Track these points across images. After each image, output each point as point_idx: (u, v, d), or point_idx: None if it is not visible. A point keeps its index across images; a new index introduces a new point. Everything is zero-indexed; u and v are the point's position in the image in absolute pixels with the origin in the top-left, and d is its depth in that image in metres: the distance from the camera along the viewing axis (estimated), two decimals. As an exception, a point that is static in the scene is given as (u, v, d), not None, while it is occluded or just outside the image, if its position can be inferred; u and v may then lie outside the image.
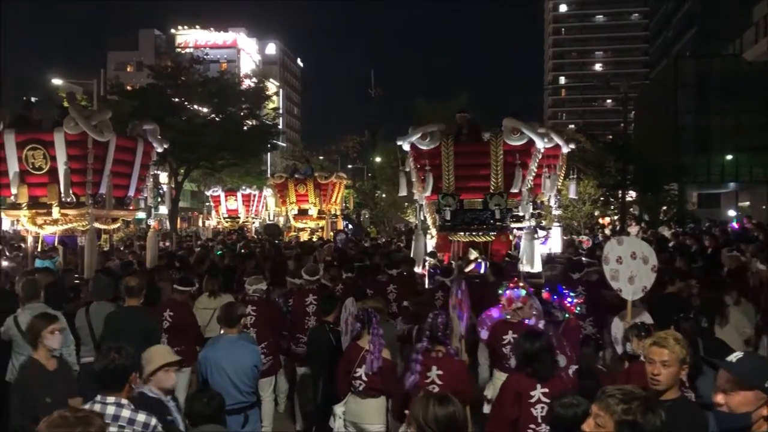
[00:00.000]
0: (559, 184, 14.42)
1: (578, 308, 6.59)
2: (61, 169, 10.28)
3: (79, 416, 2.67)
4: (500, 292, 6.29)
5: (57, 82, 36.27)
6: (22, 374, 4.75)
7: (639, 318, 5.94)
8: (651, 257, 6.10)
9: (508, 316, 6.11)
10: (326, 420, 5.93)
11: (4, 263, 13.56)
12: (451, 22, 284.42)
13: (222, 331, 5.81)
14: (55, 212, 10.53)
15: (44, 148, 10.39)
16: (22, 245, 14.47)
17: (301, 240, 21.15)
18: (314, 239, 21.28)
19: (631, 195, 35.68)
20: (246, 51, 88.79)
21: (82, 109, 11.48)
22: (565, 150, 13.05)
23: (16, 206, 10.75)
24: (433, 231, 11.78)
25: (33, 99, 14.00)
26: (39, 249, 11.43)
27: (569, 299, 6.19)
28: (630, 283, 6.10)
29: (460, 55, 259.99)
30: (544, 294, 6.16)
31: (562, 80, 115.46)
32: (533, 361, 4.52)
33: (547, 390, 4.46)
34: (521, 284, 6.21)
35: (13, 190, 10.59)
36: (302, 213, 23.44)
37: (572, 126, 71.98)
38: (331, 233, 21.62)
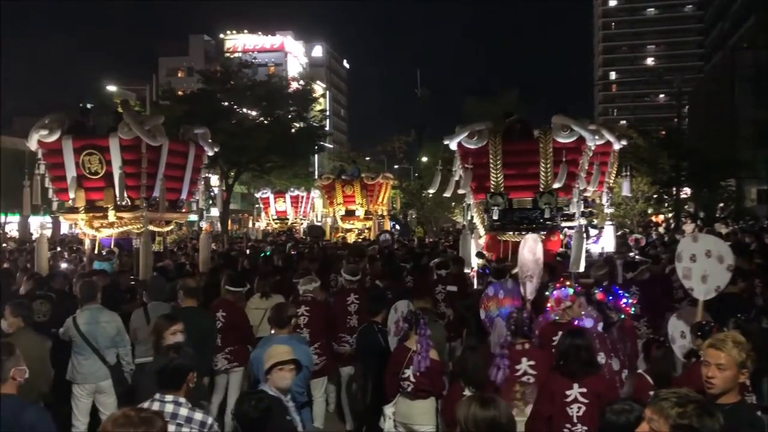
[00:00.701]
0: (611, 181, 14.11)
1: (632, 309, 6.43)
2: (116, 173, 10.53)
3: (143, 416, 2.72)
4: (547, 293, 6.18)
5: (111, 88, 37.34)
6: (145, 374, 4.76)
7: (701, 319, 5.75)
8: (727, 256, 5.85)
9: (557, 317, 6.00)
10: (377, 420, 5.93)
11: (63, 265, 14.03)
12: (498, 18, 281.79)
13: (273, 332, 5.87)
14: (111, 215, 10.80)
15: (100, 153, 10.65)
16: (80, 248, 14.95)
17: (348, 241, 21.24)
18: (361, 240, 21.36)
19: (686, 192, 34.75)
20: (293, 54, 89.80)
21: (135, 115, 11.76)
22: (616, 147, 12.76)
23: (74, 210, 11.07)
24: (482, 231, 11.65)
25: (89, 105, 14.42)
26: (96, 251, 11.74)
27: (624, 300, 6.04)
28: (703, 282, 5.90)
29: (507, 52, 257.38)
30: (599, 295, 6.01)
31: (613, 75, 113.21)
32: (566, 358, 4.50)
33: (585, 390, 4.41)
34: (568, 283, 6.09)
35: (71, 195, 10.89)
36: (349, 214, 23.53)
37: (624, 122, 70.45)
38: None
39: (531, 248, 6.28)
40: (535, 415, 4.67)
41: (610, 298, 5.93)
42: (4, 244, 20.82)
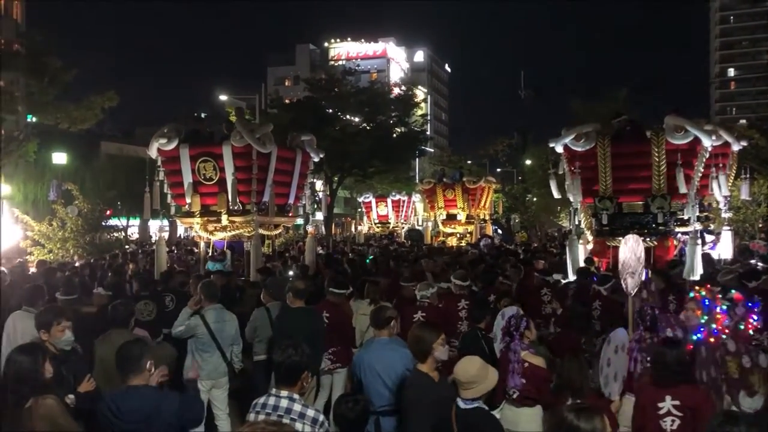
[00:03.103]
0: (730, 184, 13.33)
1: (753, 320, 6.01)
2: (229, 179, 11.05)
3: (281, 429, 2.85)
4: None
5: (223, 97, 39.12)
6: (409, 385, 4.79)
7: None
8: None
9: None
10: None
11: (176, 253, 14.81)
12: (606, 15, 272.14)
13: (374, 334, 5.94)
14: (224, 219, 11.34)
15: (214, 160, 11.22)
16: (195, 250, 15.75)
17: (449, 245, 21.16)
18: (463, 244, 21.23)
19: (816, 195, 32.08)
20: (395, 60, 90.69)
21: (246, 123, 12.30)
22: (735, 148, 12.06)
23: (190, 214, 11.70)
24: (589, 236, 11.30)
25: (203, 115, 15.21)
26: (210, 253, 12.33)
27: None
28: None
29: (617, 50, 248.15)
30: (736, 295, 5.71)
31: (732, 72, 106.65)
32: (655, 367, 4.45)
33: (678, 402, 4.28)
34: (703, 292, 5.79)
35: (188, 200, 11.52)
36: (450, 218, 23.45)
37: (743, 121, 65.99)
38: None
39: (632, 248, 6.09)
40: (633, 428, 4.58)
41: (749, 304, 5.60)
42: (126, 246, 22.27)
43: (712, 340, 5.43)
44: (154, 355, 4.90)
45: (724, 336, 5.35)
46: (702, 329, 5.43)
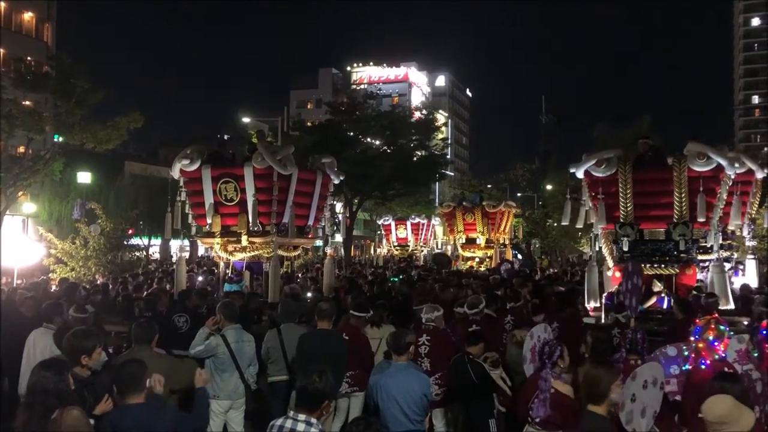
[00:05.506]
0: (753, 212, 13.16)
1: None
2: (250, 200, 11.15)
3: None
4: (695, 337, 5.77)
5: (246, 120, 39.51)
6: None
7: None
8: None
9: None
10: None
11: (200, 278, 14.92)
12: (629, 41, 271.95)
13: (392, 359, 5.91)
14: (244, 240, 11.42)
15: (235, 182, 11.33)
16: (215, 269, 15.84)
17: (470, 269, 21.04)
18: (482, 269, 21.10)
19: (844, 224, 31.50)
20: (416, 84, 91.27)
21: (268, 145, 12.43)
22: (759, 175, 11.94)
23: (210, 234, 11.79)
24: (610, 263, 11.20)
25: (226, 137, 15.39)
26: (230, 273, 12.41)
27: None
28: None
29: (640, 77, 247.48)
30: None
31: (756, 99, 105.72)
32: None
33: None
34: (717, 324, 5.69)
35: (208, 220, 11.63)
36: (470, 242, 23.34)
37: (768, 149, 65.37)
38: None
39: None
40: None
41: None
42: (150, 266, 22.46)
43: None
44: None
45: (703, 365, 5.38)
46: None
